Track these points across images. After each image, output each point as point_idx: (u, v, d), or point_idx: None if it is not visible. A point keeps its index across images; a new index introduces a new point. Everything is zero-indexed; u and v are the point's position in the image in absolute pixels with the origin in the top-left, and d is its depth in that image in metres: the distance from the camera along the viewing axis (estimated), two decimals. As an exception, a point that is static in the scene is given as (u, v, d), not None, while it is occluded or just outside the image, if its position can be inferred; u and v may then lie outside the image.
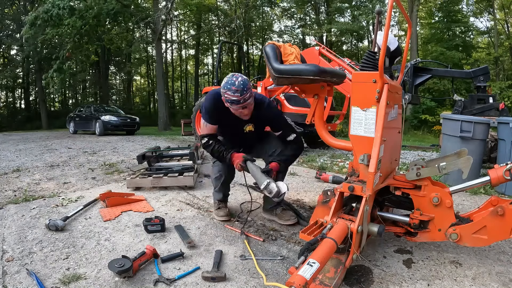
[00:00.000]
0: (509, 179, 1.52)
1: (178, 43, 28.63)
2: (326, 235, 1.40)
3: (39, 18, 11.18)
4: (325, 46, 6.35)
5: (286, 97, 6.18)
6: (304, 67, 1.89)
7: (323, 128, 2.10)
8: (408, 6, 16.38)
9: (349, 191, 1.53)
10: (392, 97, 1.67)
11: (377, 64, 1.55)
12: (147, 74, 32.09)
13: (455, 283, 1.52)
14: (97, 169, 4.28)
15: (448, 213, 1.57)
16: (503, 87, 15.50)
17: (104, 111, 12.62)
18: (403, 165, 4.40)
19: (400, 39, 20.91)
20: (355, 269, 1.61)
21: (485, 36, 21.61)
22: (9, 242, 1.94)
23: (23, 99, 27.17)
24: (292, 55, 2.49)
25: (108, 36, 15.05)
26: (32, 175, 3.90)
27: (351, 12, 22.34)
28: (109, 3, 12.43)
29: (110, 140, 8.97)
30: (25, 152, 6.32)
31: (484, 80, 5.12)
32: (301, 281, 1.11)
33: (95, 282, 1.51)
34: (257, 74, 22.41)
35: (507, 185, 3.03)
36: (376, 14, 1.92)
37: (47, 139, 9.66)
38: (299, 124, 5.79)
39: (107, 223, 2.26)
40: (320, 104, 2.08)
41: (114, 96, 29.67)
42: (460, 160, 1.61)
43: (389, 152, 1.76)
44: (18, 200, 2.79)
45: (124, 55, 25.18)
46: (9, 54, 24.24)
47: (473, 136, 3.24)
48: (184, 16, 23.79)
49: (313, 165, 4.51)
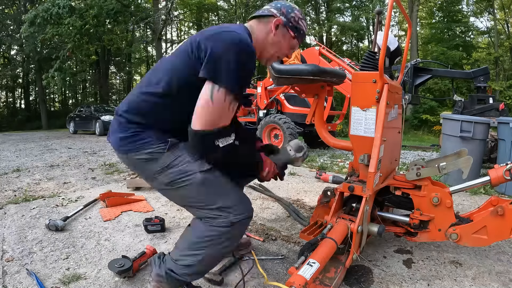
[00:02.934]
0: (509, 179, 1.52)
1: (178, 43, 28.60)
2: (326, 235, 1.40)
3: (39, 16, 11.17)
4: (325, 46, 6.35)
5: (286, 97, 6.19)
6: (304, 67, 1.89)
7: (323, 128, 2.10)
8: (408, 6, 16.40)
9: (349, 191, 1.53)
10: (392, 97, 1.67)
11: (377, 64, 1.55)
12: (147, 74, 32.07)
13: (455, 283, 1.52)
14: (97, 169, 4.28)
15: (448, 213, 1.57)
16: (503, 87, 15.51)
17: (104, 111, 12.63)
18: (403, 165, 4.40)
19: (400, 39, 20.92)
20: (355, 269, 1.61)
21: (485, 36, 21.63)
22: (9, 242, 1.94)
23: (23, 99, 27.19)
24: (292, 55, 2.49)
25: (108, 37, 15.06)
26: (32, 175, 3.90)
27: (351, 12, 22.35)
28: (109, 3, 12.43)
29: (110, 140, 8.96)
30: (25, 152, 6.32)
31: (484, 81, 5.14)
32: (301, 281, 1.11)
33: (95, 282, 1.51)
34: (257, 74, 22.43)
35: (507, 185, 3.03)
36: (376, 14, 1.93)
37: (47, 139, 9.66)
38: (299, 124, 5.81)
39: (107, 223, 2.26)
40: (320, 104, 2.08)
41: (114, 96, 29.66)
42: (460, 160, 1.61)
43: (389, 152, 1.76)
44: (18, 200, 2.78)
45: (124, 55, 25.17)
46: (9, 54, 24.26)
47: (473, 136, 3.24)
48: (184, 16, 23.80)
49: (313, 165, 4.51)
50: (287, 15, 1.27)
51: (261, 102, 6.19)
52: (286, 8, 1.28)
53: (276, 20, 1.26)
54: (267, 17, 1.28)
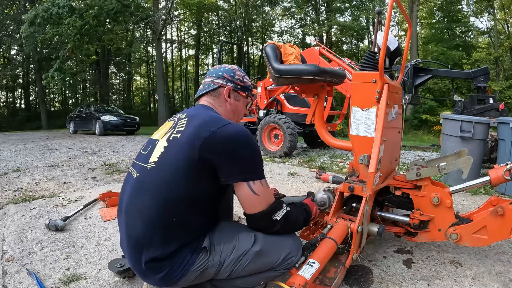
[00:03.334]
0: (509, 179, 1.52)
1: (178, 43, 28.65)
2: (326, 235, 1.40)
3: (39, 16, 11.17)
4: (325, 46, 6.35)
5: (286, 97, 6.19)
6: (304, 67, 1.89)
7: (323, 128, 2.10)
8: (408, 6, 16.39)
9: (349, 191, 1.53)
10: (392, 97, 1.67)
11: (377, 64, 1.55)
12: (147, 74, 32.11)
13: (455, 283, 1.52)
14: (97, 169, 4.28)
15: (448, 213, 1.57)
16: (503, 87, 15.51)
17: (104, 111, 12.64)
18: (403, 165, 4.40)
19: (400, 39, 20.94)
20: (355, 269, 1.61)
21: (485, 36, 21.63)
22: (9, 242, 1.94)
23: (23, 99, 27.20)
24: (292, 55, 2.48)
25: (108, 37, 15.06)
26: (32, 175, 3.90)
27: (351, 12, 22.36)
28: (109, 3, 12.42)
29: (110, 140, 8.97)
30: (25, 152, 6.32)
31: (484, 81, 5.13)
32: (301, 281, 1.11)
33: (95, 282, 1.51)
34: (257, 74, 22.45)
35: (507, 185, 3.03)
36: (376, 14, 1.92)
37: (47, 139, 9.66)
38: (299, 124, 5.80)
39: (107, 223, 2.26)
40: (320, 104, 2.08)
41: (114, 96, 29.67)
42: (460, 160, 1.61)
43: (389, 152, 1.76)
44: (18, 200, 2.78)
45: (124, 55, 25.19)
46: (9, 54, 24.26)
47: (473, 136, 3.24)
48: (184, 16, 23.80)
49: (313, 165, 4.51)
50: (232, 79, 1.35)
51: (261, 102, 6.19)
52: (228, 73, 1.35)
53: (226, 89, 1.33)
54: (215, 90, 1.33)
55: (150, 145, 1.23)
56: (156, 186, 1.10)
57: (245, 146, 1.13)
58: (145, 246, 1.07)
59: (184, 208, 1.09)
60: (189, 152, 1.08)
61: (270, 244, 1.19)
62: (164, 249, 1.07)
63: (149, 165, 1.15)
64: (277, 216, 1.16)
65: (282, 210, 1.18)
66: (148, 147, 1.23)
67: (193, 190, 1.10)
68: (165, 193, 1.08)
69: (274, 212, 1.16)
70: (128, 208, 1.14)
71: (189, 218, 1.11)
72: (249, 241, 1.16)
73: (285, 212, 1.19)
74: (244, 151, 1.12)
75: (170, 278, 1.09)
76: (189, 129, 1.14)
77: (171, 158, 1.11)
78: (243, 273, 1.16)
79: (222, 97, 1.33)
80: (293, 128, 5.36)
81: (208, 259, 1.11)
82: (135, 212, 1.12)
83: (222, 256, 1.13)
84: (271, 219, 1.16)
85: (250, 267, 1.15)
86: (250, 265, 1.15)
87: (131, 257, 1.12)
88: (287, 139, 5.29)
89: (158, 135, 1.25)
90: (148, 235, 1.08)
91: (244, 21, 18.46)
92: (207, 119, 1.17)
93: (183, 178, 1.08)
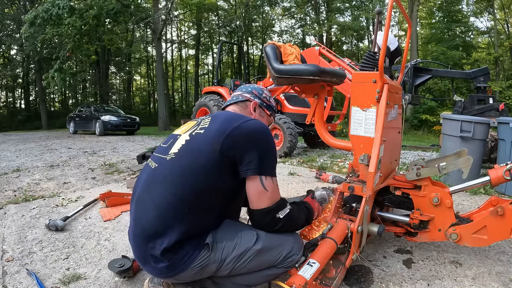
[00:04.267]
0: (509, 179, 1.52)
1: (178, 43, 28.66)
2: (326, 235, 1.40)
3: (39, 17, 11.17)
4: (325, 46, 6.35)
5: (286, 97, 6.19)
6: (304, 67, 1.88)
7: (323, 128, 2.10)
8: (408, 6, 16.39)
9: (349, 191, 1.53)
10: (392, 97, 1.67)
11: (377, 64, 1.55)
12: (147, 74, 32.11)
13: (455, 283, 1.52)
14: (97, 169, 4.28)
15: (448, 213, 1.57)
16: (503, 87, 15.51)
17: (104, 111, 12.64)
18: (403, 165, 4.40)
19: (400, 39, 20.93)
20: (355, 269, 1.61)
21: (485, 36, 21.63)
22: (9, 242, 1.94)
23: (23, 99, 27.20)
24: (292, 55, 2.48)
25: (108, 37, 15.06)
26: (32, 175, 3.90)
27: (351, 12, 22.36)
28: (109, 3, 12.43)
29: (110, 140, 8.98)
30: (25, 152, 6.32)
31: (484, 81, 5.13)
32: (301, 281, 1.11)
33: (95, 282, 1.51)
34: (257, 74, 22.47)
35: (507, 185, 3.03)
36: (376, 14, 1.92)
37: (47, 139, 9.66)
38: (299, 124, 5.80)
39: (107, 223, 2.26)
40: (320, 104, 2.08)
41: (114, 96, 29.67)
42: (460, 160, 1.61)
43: (389, 152, 1.76)
44: (18, 200, 2.78)
45: (124, 55, 25.19)
46: (9, 54, 24.26)
47: (473, 136, 3.24)
48: (184, 16, 23.80)
49: (313, 165, 4.51)
50: (260, 96, 1.43)
51: (261, 102, 6.18)
52: (257, 90, 1.44)
53: (253, 103, 1.41)
54: (242, 102, 1.41)
55: (172, 139, 1.27)
56: (174, 175, 1.12)
57: (266, 141, 1.18)
58: (152, 235, 1.09)
59: (197, 202, 1.11)
60: (212, 144, 1.12)
61: (271, 242, 1.20)
62: (169, 239, 1.08)
63: (169, 156, 1.18)
64: (280, 214, 1.19)
65: (285, 209, 1.21)
66: (169, 141, 1.27)
67: (209, 184, 1.12)
68: (182, 183, 1.10)
69: (278, 210, 1.19)
70: (141, 196, 1.16)
71: (199, 212, 1.12)
72: (251, 239, 1.17)
73: (288, 211, 1.22)
74: (264, 146, 1.17)
75: (171, 269, 1.10)
76: (213, 126, 1.19)
77: (193, 151, 1.15)
78: (243, 270, 1.17)
79: (248, 109, 1.40)
80: (293, 128, 5.37)
81: (210, 255, 1.12)
82: (148, 200, 1.13)
83: (223, 254, 1.14)
84: (275, 216, 1.18)
85: (251, 264, 1.17)
86: (251, 263, 1.16)
87: (136, 244, 1.14)
88: (287, 139, 5.29)
89: (180, 131, 1.29)
90: (156, 223, 1.09)
91: (244, 21, 18.46)
92: (231, 115, 1.25)
93: (202, 170, 1.11)
